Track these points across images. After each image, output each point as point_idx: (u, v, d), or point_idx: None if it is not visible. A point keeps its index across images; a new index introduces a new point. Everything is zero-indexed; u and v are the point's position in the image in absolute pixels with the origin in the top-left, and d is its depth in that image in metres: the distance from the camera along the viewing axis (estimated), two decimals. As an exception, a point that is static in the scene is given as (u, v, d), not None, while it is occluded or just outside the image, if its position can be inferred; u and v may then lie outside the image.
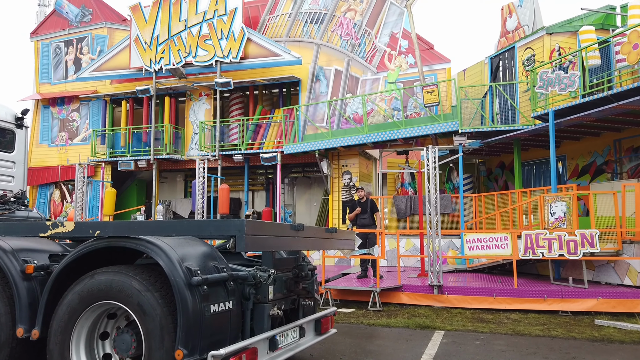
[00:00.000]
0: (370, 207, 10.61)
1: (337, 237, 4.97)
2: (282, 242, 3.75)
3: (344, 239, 5.25)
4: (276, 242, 3.64)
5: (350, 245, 5.51)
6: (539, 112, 11.48)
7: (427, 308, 9.34)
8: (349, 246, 5.43)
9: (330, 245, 4.87)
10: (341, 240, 5.13)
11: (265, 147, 15.86)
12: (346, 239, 5.32)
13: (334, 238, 4.87)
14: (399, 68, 15.12)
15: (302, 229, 4.04)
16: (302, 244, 4.07)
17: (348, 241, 5.39)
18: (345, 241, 5.30)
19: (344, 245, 5.29)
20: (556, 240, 9.03)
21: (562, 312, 8.77)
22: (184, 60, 16.20)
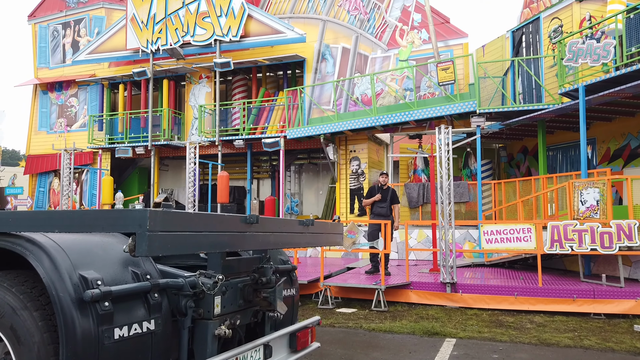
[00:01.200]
0: (390, 196, 9.55)
1: (316, 231, 3.94)
2: (222, 240, 2.73)
3: (326, 233, 4.21)
4: (210, 241, 2.62)
5: (336, 241, 4.48)
6: (567, 88, 10.22)
7: (439, 308, 8.28)
8: (333, 242, 4.39)
9: (305, 242, 3.84)
10: (322, 234, 4.10)
11: (268, 131, 14.86)
12: (329, 232, 4.28)
13: (310, 232, 3.84)
14: (411, 44, 13.92)
15: (256, 222, 3.02)
16: (256, 242, 3.05)
17: (332, 236, 4.35)
18: (328, 236, 4.26)
19: (326, 241, 4.25)
20: (588, 232, 7.87)
21: (594, 315, 7.64)
22: (181, 40, 15.23)
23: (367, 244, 8.51)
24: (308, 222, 3.82)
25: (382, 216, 9.43)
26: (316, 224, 3.93)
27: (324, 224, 4.23)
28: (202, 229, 2.57)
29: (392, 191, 9.53)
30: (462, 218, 12.78)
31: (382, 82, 13.80)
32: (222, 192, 13.79)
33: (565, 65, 10.25)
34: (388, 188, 9.60)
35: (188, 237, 2.46)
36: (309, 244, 3.88)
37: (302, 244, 3.80)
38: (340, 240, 4.59)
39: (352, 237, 8.43)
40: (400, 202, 13.36)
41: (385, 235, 8.51)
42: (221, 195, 13.82)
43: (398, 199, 9.51)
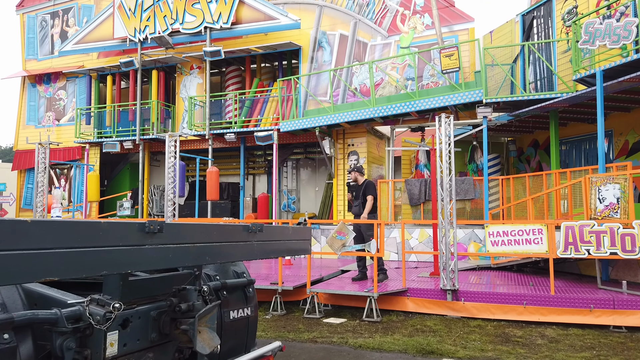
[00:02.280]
0: (362, 191, 8.59)
1: (267, 238, 3.08)
2: (93, 259, 1.89)
3: (285, 240, 3.35)
4: (69, 262, 1.79)
5: (301, 249, 3.62)
6: (583, 74, 9.27)
7: (438, 319, 7.41)
8: (295, 251, 3.54)
9: (251, 253, 2.99)
10: (277, 242, 3.24)
11: (262, 124, 14.02)
12: (289, 239, 3.42)
13: (258, 241, 2.98)
14: (413, 30, 12.99)
15: (161, 230, 2.17)
16: (159, 258, 2.20)
17: (294, 243, 3.49)
18: (288, 244, 3.40)
19: (285, 250, 3.39)
20: (607, 234, 6.95)
21: (614, 328, 6.74)
22: (170, 27, 14.41)
23: (358, 247, 7.65)
24: (256, 227, 2.97)
25: (357, 215, 8.54)
26: (268, 229, 3.07)
27: (282, 229, 3.38)
28: (50, 245, 1.73)
29: (365, 185, 8.53)
30: (468, 217, 11.87)
31: (381, 70, 12.89)
32: (211, 189, 12.98)
33: (580, 48, 9.29)
34: (362, 184, 8.64)
35: (18, 258, 1.62)
36: (258, 255, 3.03)
37: (245, 255, 2.95)
38: (307, 248, 3.73)
39: (341, 239, 7.57)
40: (401, 199, 12.54)
41: (379, 237, 7.64)
42: (211, 191, 13.01)
43: (371, 189, 8.44)
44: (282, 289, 7.99)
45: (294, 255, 3.63)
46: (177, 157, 9.84)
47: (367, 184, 8.60)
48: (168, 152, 9.49)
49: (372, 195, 8.44)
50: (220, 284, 3.36)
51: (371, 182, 8.62)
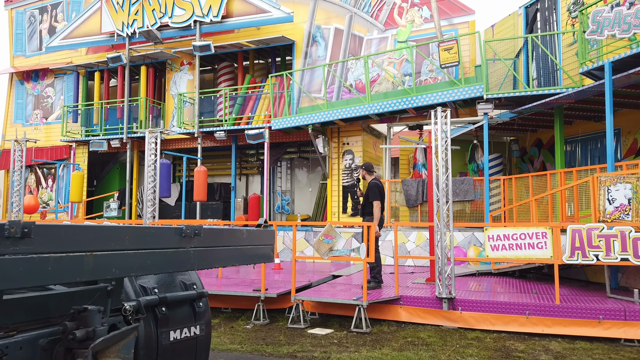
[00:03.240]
0: (366, 193, 8.04)
1: (207, 244, 2.50)
2: None
3: (234, 246, 2.77)
4: None
5: (259, 255, 3.05)
6: (590, 66, 8.67)
7: (433, 330, 6.81)
8: (250, 258, 2.96)
9: (185, 262, 2.40)
10: (222, 249, 2.66)
11: (254, 122, 13.45)
12: (241, 245, 2.84)
13: (195, 247, 2.40)
14: (411, 24, 12.41)
15: (27, 235, 1.60)
16: (20, 273, 1.62)
17: (248, 250, 2.91)
18: (238, 250, 2.82)
19: (235, 258, 2.80)
20: (617, 238, 6.35)
21: (625, 341, 6.14)
22: (159, 21, 13.87)
23: (346, 251, 7.06)
24: (191, 230, 2.39)
25: (363, 215, 8.01)
26: (208, 233, 2.49)
27: (231, 233, 2.79)
28: None
29: (368, 187, 7.98)
30: (468, 219, 11.28)
31: (378, 66, 12.31)
32: (199, 189, 12.43)
33: (587, 39, 8.69)
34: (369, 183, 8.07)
35: None
36: (195, 264, 2.44)
37: (176, 265, 2.36)
38: (269, 254, 3.15)
39: (328, 243, 6.99)
40: (396, 200, 11.96)
41: (369, 240, 7.04)
42: (198, 192, 12.46)
43: (373, 193, 7.78)
44: (265, 296, 7.41)
45: (250, 263, 3.04)
46: (158, 155, 9.29)
47: (369, 185, 7.99)
48: (148, 150, 8.94)
49: (375, 200, 7.81)
50: (158, 298, 2.79)
51: (375, 183, 7.93)
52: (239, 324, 7.27)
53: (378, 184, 7.98)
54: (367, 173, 8.20)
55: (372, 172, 8.20)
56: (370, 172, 8.19)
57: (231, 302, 8.12)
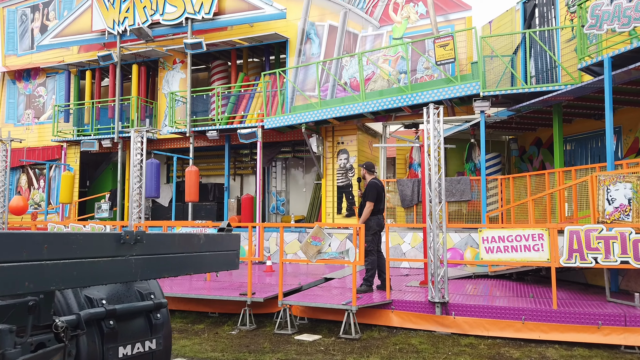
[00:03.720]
0: (364, 193, 7.85)
1: (154, 251, 2.24)
2: None
3: (185, 253, 2.51)
4: None
5: (219, 263, 2.79)
6: (589, 61, 8.39)
7: (425, 335, 6.55)
8: (208, 267, 2.70)
9: (124, 272, 2.14)
10: (173, 256, 2.40)
11: (248, 121, 13.19)
12: (195, 252, 2.58)
13: (137, 255, 2.14)
14: (406, 20, 12.14)
15: None
16: None
17: (205, 257, 2.64)
18: (189, 258, 2.55)
19: (186, 266, 2.54)
20: (617, 240, 6.08)
21: (625, 348, 5.87)
22: (150, 19, 13.61)
23: (335, 254, 6.79)
24: (132, 236, 2.12)
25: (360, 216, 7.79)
26: (153, 240, 2.23)
27: (185, 238, 2.52)
28: None
29: (366, 186, 7.81)
30: (464, 220, 11.00)
31: (373, 63, 12.03)
32: (190, 190, 12.17)
33: (586, 34, 8.41)
34: (368, 182, 7.89)
35: None
36: (138, 274, 2.18)
37: (113, 276, 2.10)
38: (233, 261, 2.89)
39: (316, 245, 6.73)
40: (391, 201, 11.68)
41: (359, 243, 6.78)
42: (189, 192, 12.20)
43: (370, 193, 7.63)
44: (251, 301, 7.14)
45: (211, 271, 2.78)
46: (144, 155, 9.03)
47: (367, 184, 7.80)
48: (134, 149, 8.68)
49: (369, 200, 7.60)
50: (105, 311, 2.52)
51: (373, 183, 7.73)
52: (224, 329, 7.01)
53: (377, 184, 7.74)
54: (367, 172, 8.00)
55: (372, 171, 7.99)
56: (370, 171, 7.98)
57: (218, 307, 7.87)
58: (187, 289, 8.07)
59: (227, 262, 2.82)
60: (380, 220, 7.63)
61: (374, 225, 7.59)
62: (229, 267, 2.84)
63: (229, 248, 2.81)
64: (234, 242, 2.86)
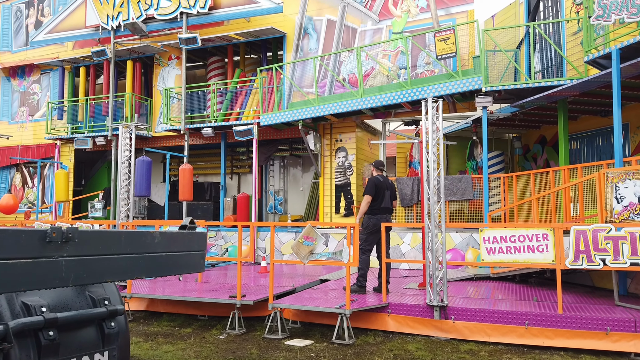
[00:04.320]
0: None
1: (90, 252, 1.91)
2: None
3: (138, 254, 2.18)
4: None
5: (178, 265, 2.45)
6: (595, 54, 8.03)
7: (423, 341, 6.20)
8: (164, 269, 2.37)
9: (47, 277, 1.80)
10: (116, 257, 2.07)
11: (244, 118, 12.86)
12: (153, 253, 2.25)
13: (69, 257, 1.81)
14: (406, 14, 11.80)
15: None
16: None
17: (162, 257, 2.31)
18: (147, 258, 2.22)
19: (134, 269, 2.21)
20: (626, 240, 5.72)
21: (635, 355, 5.52)
22: (144, 14, 13.30)
23: (328, 254, 6.46)
24: (60, 234, 1.79)
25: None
26: (88, 237, 1.89)
27: (133, 236, 2.19)
28: None
29: (367, 183, 7.53)
30: (466, 219, 10.65)
31: (372, 58, 11.69)
32: (184, 188, 11.85)
33: (592, 25, 8.05)
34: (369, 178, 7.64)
35: None
36: (70, 279, 1.84)
37: (36, 282, 1.76)
38: (197, 263, 2.56)
39: (308, 245, 6.39)
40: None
41: (353, 243, 6.43)
42: (183, 191, 11.89)
43: (368, 187, 7.43)
44: (241, 304, 6.81)
45: (170, 274, 2.44)
46: (133, 151, 8.72)
47: (369, 179, 7.53)
48: (122, 146, 8.38)
49: (367, 194, 7.34)
50: (43, 320, 2.19)
51: (374, 178, 7.48)
52: (212, 333, 6.69)
53: (378, 180, 7.44)
54: (374, 169, 7.74)
55: (379, 169, 7.72)
56: (378, 168, 7.73)
57: (208, 309, 7.55)
58: (179, 291, 7.75)
59: (189, 264, 2.49)
60: (379, 220, 7.25)
61: (370, 225, 7.25)
62: (191, 269, 2.51)
63: (191, 248, 2.48)
64: (198, 242, 2.53)
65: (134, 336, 6.47)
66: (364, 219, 7.37)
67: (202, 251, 2.54)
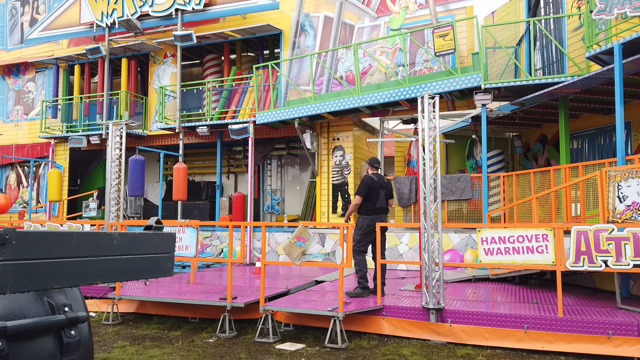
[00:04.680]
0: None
1: (34, 255, 1.71)
2: None
3: (91, 257, 1.99)
4: None
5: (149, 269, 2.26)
6: (597, 49, 7.82)
7: (418, 345, 6.00)
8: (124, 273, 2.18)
9: None
10: (65, 261, 1.87)
11: (240, 117, 12.66)
12: (110, 256, 2.06)
13: (6, 261, 1.62)
14: (404, 10, 11.59)
15: None
16: None
17: (122, 261, 2.12)
18: (102, 262, 2.03)
19: (87, 274, 2.01)
20: (629, 241, 5.52)
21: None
22: (139, 10, 13.12)
23: (320, 256, 6.26)
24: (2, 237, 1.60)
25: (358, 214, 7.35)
26: (29, 239, 1.70)
27: (85, 237, 1.99)
28: None
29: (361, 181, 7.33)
30: (465, 219, 10.44)
31: (369, 56, 11.49)
32: (178, 188, 11.67)
33: (594, 20, 7.85)
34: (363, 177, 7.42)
35: None
36: (5, 286, 1.65)
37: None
38: (165, 267, 2.36)
39: (301, 246, 6.20)
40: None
41: (347, 243, 6.23)
42: (177, 190, 11.70)
43: (360, 187, 7.21)
44: (231, 306, 6.62)
45: (134, 278, 2.24)
46: (124, 149, 8.53)
47: (362, 179, 7.32)
48: (112, 144, 8.19)
49: (357, 194, 7.13)
50: None
51: (367, 177, 7.23)
52: (201, 336, 6.49)
53: (372, 179, 7.20)
54: (369, 167, 7.51)
55: (375, 167, 7.47)
56: (373, 166, 7.48)
57: (199, 312, 7.36)
58: (170, 293, 7.56)
59: (155, 268, 2.29)
60: (373, 221, 7.05)
61: (364, 225, 7.05)
62: (158, 273, 2.32)
63: (157, 250, 2.28)
64: (165, 243, 2.33)
65: (121, 339, 6.29)
66: (358, 220, 7.16)
67: (169, 254, 2.35)
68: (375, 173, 7.36)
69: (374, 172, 7.38)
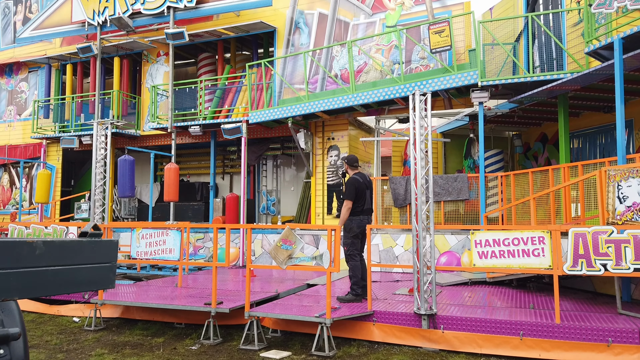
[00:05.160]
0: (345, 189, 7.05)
1: None
2: None
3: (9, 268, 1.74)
4: None
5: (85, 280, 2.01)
6: (597, 44, 7.55)
7: (410, 352, 5.75)
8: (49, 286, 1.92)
9: None
10: None
11: (233, 116, 12.42)
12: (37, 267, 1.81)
13: None
14: (400, 7, 11.34)
15: None
16: None
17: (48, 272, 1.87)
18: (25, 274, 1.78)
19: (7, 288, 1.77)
20: (630, 244, 5.25)
21: (640, 369, 5.03)
22: (130, 8, 12.90)
23: (307, 259, 6.01)
24: None
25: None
26: None
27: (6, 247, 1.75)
28: None
29: (346, 182, 7.00)
30: (462, 220, 10.17)
31: (364, 53, 11.23)
32: (169, 189, 11.42)
33: (594, 14, 7.58)
34: (349, 178, 7.09)
35: None
36: None
37: None
38: (105, 278, 2.12)
39: (287, 249, 5.95)
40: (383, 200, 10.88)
41: (334, 247, 5.97)
42: (169, 191, 11.45)
43: (348, 191, 6.83)
44: (216, 312, 6.37)
45: (65, 292, 2.00)
46: (109, 149, 8.29)
47: (347, 181, 6.98)
48: (97, 144, 7.95)
49: (347, 198, 6.80)
50: None
51: (353, 179, 6.88)
52: (185, 343, 6.25)
53: (358, 180, 6.90)
54: (349, 167, 7.17)
55: (355, 165, 7.13)
56: (353, 165, 7.13)
57: (185, 317, 7.12)
58: (155, 297, 7.33)
59: (92, 280, 2.04)
60: (362, 222, 6.80)
61: (354, 227, 6.79)
62: (96, 285, 2.07)
63: (94, 260, 2.03)
64: (104, 252, 2.08)
65: (100, 347, 6.05)
66: (346, 222, 6.85)
67: (110, 263, 2.10)
68: (358, 172, 7.07)
69: (356, 171, 7.09)
